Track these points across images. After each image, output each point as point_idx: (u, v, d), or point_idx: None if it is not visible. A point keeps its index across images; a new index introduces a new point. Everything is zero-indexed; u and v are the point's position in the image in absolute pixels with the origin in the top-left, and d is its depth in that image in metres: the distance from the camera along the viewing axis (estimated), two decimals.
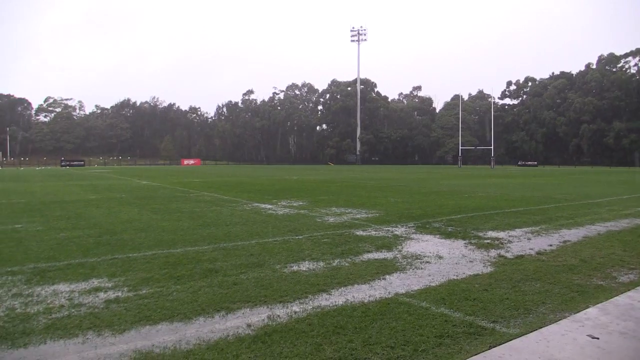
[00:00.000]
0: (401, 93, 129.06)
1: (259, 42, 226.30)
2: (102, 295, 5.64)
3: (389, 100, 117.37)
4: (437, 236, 9.51)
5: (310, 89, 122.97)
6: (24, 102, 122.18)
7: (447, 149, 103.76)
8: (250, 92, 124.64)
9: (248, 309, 5.13)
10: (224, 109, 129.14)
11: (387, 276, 6.47)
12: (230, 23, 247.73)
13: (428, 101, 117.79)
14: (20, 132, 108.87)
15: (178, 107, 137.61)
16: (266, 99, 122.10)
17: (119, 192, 21.27)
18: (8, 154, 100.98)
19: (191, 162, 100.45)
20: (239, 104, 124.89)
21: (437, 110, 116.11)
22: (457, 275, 6.53)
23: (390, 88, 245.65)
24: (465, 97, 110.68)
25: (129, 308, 5.16)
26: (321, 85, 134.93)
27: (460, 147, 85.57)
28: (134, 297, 5.55)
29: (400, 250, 8.13)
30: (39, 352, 4.11)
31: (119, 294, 5.68)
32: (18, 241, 9.01)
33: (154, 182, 29.77)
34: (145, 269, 6.79)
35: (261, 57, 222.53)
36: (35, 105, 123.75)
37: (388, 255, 7.79)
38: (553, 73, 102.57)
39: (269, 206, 14.86)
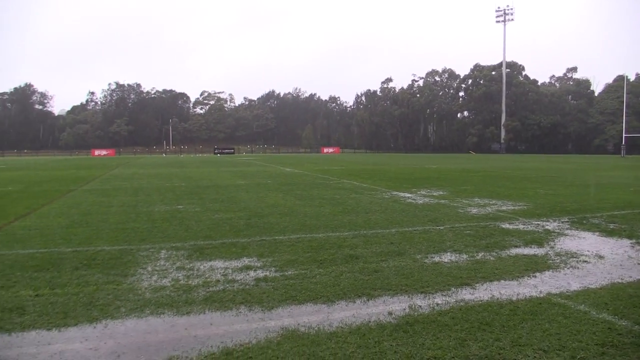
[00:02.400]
0: (553, 76, 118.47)
1: (397, 30, 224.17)
2: (252, 273, 6.04)
3: (538, 84, 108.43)
4: (597, 233, 8.58)
5: (451, 74, 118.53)
6: (183, 96, 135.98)
7: (608, 136, 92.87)
8: (388, 80, 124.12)
9: (389, 297, 5.12)
10: (363, 98, 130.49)
11: (538, 274, 5.99)
12: (368, 13, 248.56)
13: (585, 84, 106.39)
14: (180, 123, 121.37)
15: (318, 97, 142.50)
16: (405, 87, 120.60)
17: (265, 178, 22.66)
18: (170, 143, 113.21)
19: (330, 150, 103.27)
20: (378, 93, 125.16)
21: (596, 94, 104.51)
22: (621, 279, 5.82)
23: (540, 71, 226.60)
24: (632, 78, 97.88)
25: (276, 287, 5.46)
26: (463, 70, 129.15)
27: (624, 135, 76.07)
28: (281, 277, 5.86)
29: (553, 247, 7.49)
30: (200, 320, 4.53)
31: (267, 273, 6.04)
32: (180, 220, 10.04)
33: (296, 169, 31.19)
34: (291, 251, 7.14)
35: (400, 44, 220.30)
36: (192, 99, 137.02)
37: (538, 251, 7.22)
38: None
39: (408, 195, 14.68)
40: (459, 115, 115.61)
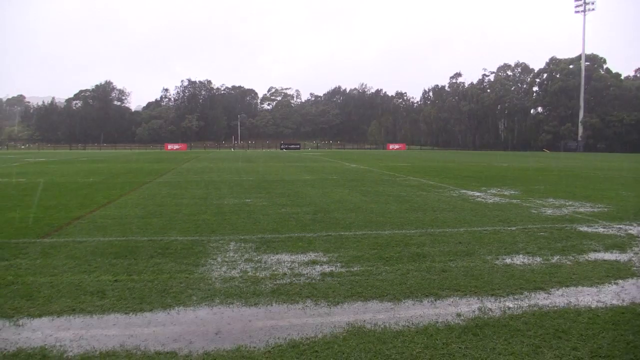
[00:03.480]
0: (638, 69, 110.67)
1: (467, 24, 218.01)
2: (318, 268, 6.08)
3: (621, 78, 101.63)
4: None
5: (525, 68, 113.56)
6: (251, 93, 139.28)
7: None
8: (457, 75, 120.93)
9: (457, 298, 4.98)
10: (430, 94, 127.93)
11: (620, 281, 5.61)
12: (438, 7, 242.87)
13: None
14: (248, 119, 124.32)
15: (385, 92, 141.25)
16: (474, 82, 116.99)
17: (331, 174, 22.76)
18: (239, 138, 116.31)
19: (396, 146, 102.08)
20: (446, 88, 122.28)
21: None
22: None
23: (623, 64, 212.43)
24: None
25: (342, 282, 5.46)
26: (537, 64, 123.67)
27: None
28: (347, 272, 5.85)
29: (637, 253, 6.99)
30: (267, 312, 4.61)
31: (333, 268, 6.05)
32: (248, 213, 10.28)
33: (361, 165, 31.10)
34: (356, 248, 7.12)
35: (470, 38, 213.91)
36: (260, 95, 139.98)
37: (621, 257, 6.77)
38: None
39: (477, 194, 14.23)
40: (532, 111, 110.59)
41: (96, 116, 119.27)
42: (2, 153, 63.79)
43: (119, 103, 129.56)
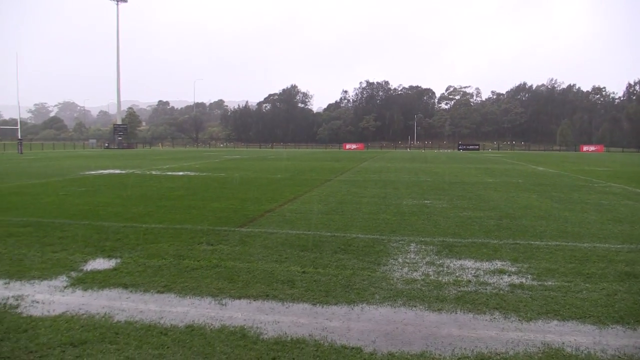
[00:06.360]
0: None
1: None
2: (506, 278, 5.67)
3: None
4: None
5: None
6: (428, 92, 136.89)
7: None
8: None
9: None
10: (637, 87, 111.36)
11: None
12: None
13: None
14: (424, 119, 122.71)
15: (578, 88, 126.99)
16: None
17: (515, 177, 21.24)
18: (415, 138, 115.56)
19: (592, 148, 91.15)
20: None
21: None
22: None
23: None
24: None
25: (534, 297, 5.00)
26: None
27: None
28: (539, 286, 5.34)
29: None
30: (451, 319, 4.42)
31: (523, 280, 5.58)
32: (427, 215, 10.09)
33: (550, 168, 28.43)
34: (549, 260, 6.47)
35: None
36: (437, 94, 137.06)
37: None
38: None
39: None
40: None
41: (282, 117, 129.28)
42: (206, 151, 73.11)
43: (302, 105, 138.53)
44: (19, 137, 61.68)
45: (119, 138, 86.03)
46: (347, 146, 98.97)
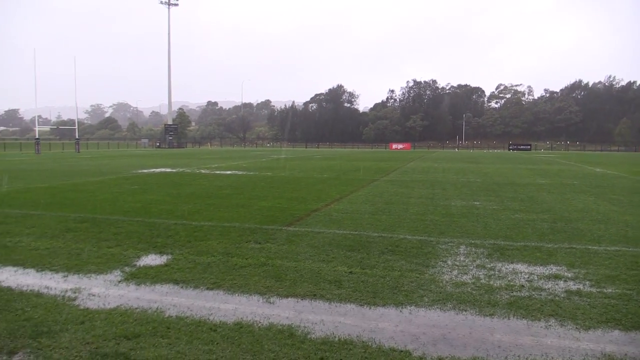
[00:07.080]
0: None
1: None
2: (561, 284, 5.43)
3: None
4: None
5: None
6: (478, 91, 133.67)
7: None
8: None
9: None
10: None
11: None
12: None
13: None
14: (473, 118, 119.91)
15: (639, 85, 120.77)
16: None
17: (570, 178, 20.41)
18: (463, 138, 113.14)
19: None
20: None
21: None
22: None
23: None
24: None
25: (593, 305, 4.76)
26: None
27: None
28: (598, 294, 5.09)
29: None
30: (504, 325, 4.28)
31: (581, 286, 5.33)
32: (477, 217, 9.83)
33: (608, 169, 27.16)
34: (609, 266, 6.16)
35: None
36: (487, 93, 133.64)
37: None
38: None
39: None
40: None
41: (328, 117, 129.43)
42: (253, 150, 74.20)
43: (348, 105, 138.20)
44: (77, 137, 64.43)
45: (170, 138, 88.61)
46: (394, 146, 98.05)
